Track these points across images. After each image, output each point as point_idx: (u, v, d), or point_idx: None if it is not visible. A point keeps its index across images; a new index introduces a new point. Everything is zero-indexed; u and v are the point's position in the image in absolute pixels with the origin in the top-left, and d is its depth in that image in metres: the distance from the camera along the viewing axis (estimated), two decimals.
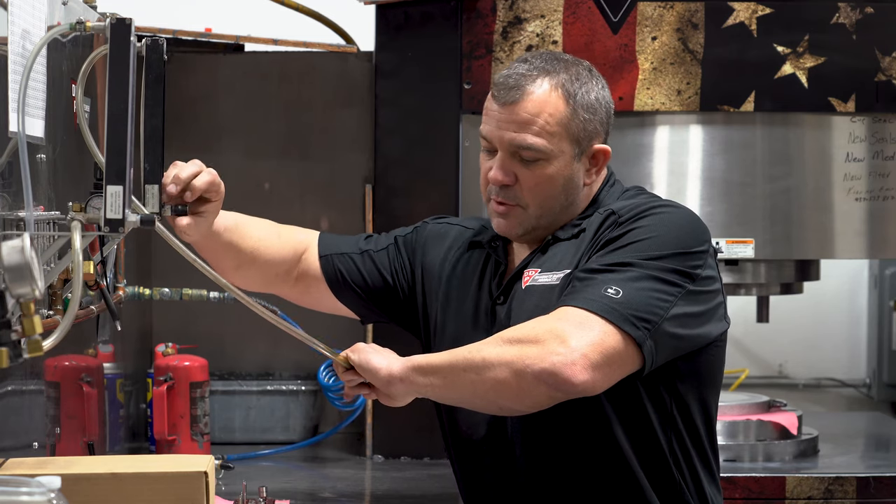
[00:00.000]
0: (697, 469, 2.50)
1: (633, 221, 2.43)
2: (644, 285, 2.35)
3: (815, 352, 4.74)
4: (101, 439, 3.10)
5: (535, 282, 2.50)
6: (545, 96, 2.49)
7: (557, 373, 2.27)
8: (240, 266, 2.70)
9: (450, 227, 2.74)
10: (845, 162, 3.55)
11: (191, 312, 3.67)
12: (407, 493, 3.14)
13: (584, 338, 2.29)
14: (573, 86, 2.51)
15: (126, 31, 2.25)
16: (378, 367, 2.39)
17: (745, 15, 3.48)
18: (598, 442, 2.45)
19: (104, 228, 2.24)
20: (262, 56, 3.79)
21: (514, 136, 2.49)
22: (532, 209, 2.53)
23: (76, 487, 2.10)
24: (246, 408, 3.71)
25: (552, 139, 2.49)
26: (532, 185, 2.51)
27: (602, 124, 2.54)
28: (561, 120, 2.49)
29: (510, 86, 2.50)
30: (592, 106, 2.52)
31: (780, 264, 3.61)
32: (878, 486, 3.35)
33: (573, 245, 2.51)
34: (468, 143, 3.51)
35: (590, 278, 2.37)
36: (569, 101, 2.50)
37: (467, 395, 2.40)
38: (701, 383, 2.49)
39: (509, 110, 2.49)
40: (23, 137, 2.19)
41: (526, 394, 2.32)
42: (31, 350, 1.91)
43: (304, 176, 3.76)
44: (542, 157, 2.50)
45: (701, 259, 2.42)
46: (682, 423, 2.47)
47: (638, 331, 2.31)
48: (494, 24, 3.48)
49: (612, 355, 2.31)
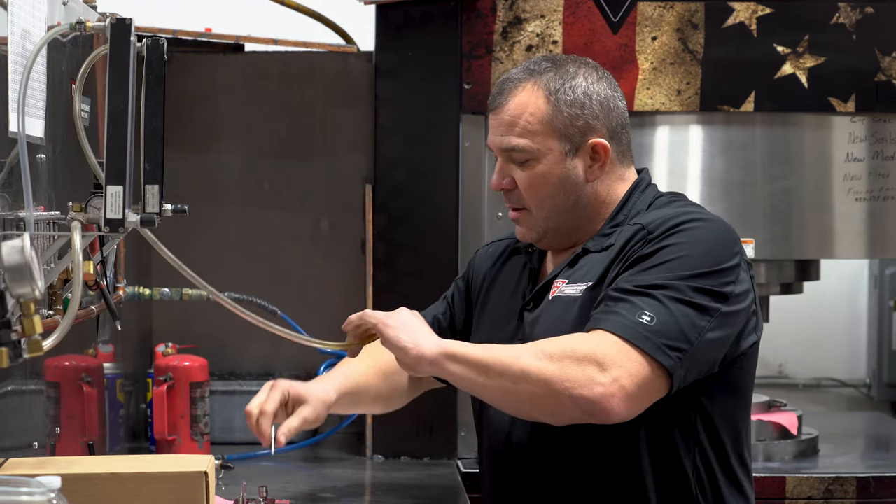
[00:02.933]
0: (721, 487, 2.49)
1: (664, 238, 2.43)
2: (678, 311, 2.35)
3: (815, 352, 4.73)
4: (101, 439, 3.10)
5: (562, 293, 2.53)
6: (526, 97, 2.53)
7: (596, 403, 2.30)
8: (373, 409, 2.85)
9: (497, 245, 2.79)
10: (845, 162, 3.55)
11: (191, 312, 3.67)
12: (407, 493, 3.14)
13: (623, 368, 2.31)
14: (556, 83, 2.53)
15: (126, 31, 2.26)
16: (407, 347, 2.39)
17: (745, 15, 3.48)
18: (619, 456, 2.47)
19: (104, 228, 2.24)
20: (262, 56, 3.79)
21: (501, 139, 2.55)
22: (535, 211, 2.55)
23: (76, 487, 2.10)
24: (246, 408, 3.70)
25: (535, 138, 2.52)
26: (526, 185, 2.54)
27: (596, 118, 2.54)
28: (542, 118, 2.52)
29: (497, 92, 2.57)
30: (579, 101, 2.53)
31: (780, 264, 3.60)
32: (878, 486, 3.35)
33: (601, 258, 2.51)
34: (468, 143, 3.51)
35: (624, 299, 2.37)
36: (549, 98, 2.52)
37: (495, 397, 2.41)
38: (728, 398, 2.49)
39: (497, 116, 2.56)
40: (23, 137, 2.19)
41: (559, 413, 2.36)
42: (31, 350, 1.91)
43: (304, 176, 3.75)
44: (531, 156, 2.53)
45: (733, 275, 2.42)
46: (707, 441, 2.48)
47: (670, 360, 2.33)
48: (494, 24, 3.48)
49: (646, 385, 2.33)
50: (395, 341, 2.39)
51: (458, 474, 3.32)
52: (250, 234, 3.77)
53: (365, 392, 2.71)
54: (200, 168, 3.73)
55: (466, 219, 3.51)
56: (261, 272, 3.75)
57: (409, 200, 3.51)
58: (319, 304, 3.71)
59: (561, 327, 2.45)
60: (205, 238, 3.71)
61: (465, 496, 3.02)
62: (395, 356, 2.42)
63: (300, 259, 3.75)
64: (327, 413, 2.60)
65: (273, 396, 2.55)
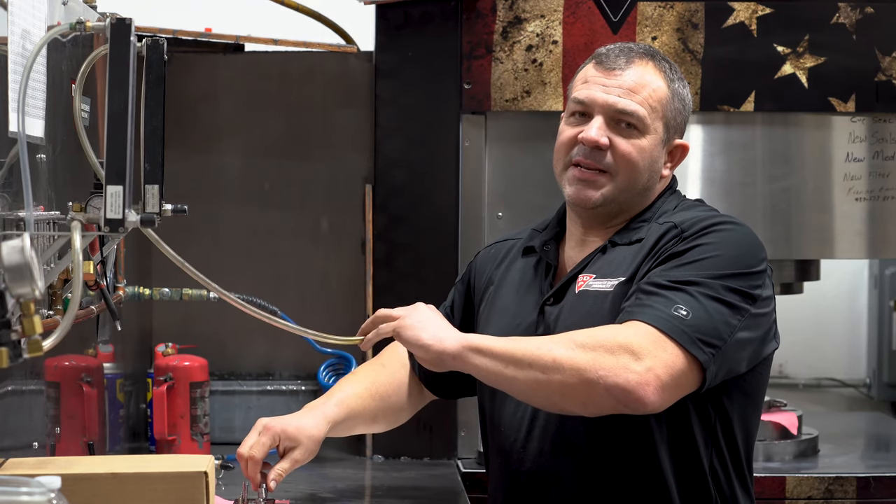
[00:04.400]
0: (735, 486, 2.51)
1: (697, 237, 2.45)
2: (711, 307, 2.37)
3: (815, 352, 4.73)
4: (101, 439, 3.10)
5: (589, 287, 2.52)
6: (651, 72, 2.56)
7: (631, 391, 2.30)
8: (372, 430, 2.81)
9: (500, 245, 2.78)
10: (845, 162, 3.55)
11: (191, 312, 3.67)
12: (407, 494, 3.14)
13: (658, 358, 2.31)
14: (672, 74, 2.58)
15: (126, 31, 2.26)
16: (428, 344, 2.38)
17: (745, 15, 3.48)
18: (639, 454, 2.47)
19: (104, 228, 2.24)
20: (262, 56, 3.79)
21: (618, 100, 2.53)
22: (619, 178, 2.54)
23: (76, 487, 2.10)
24: (246, 408, 3.70)
25: (652, 113, 2.55)
26: (625, 151, 2.54)
27: (685, 123, 2.61)
28: (661, 98, 2.56)
29: (615, 55, 2.57)
30: (684, 100, 2.60)
31: (780, 264, 3.60)
32: (878, 486, 3.35)
33: (630, 252, 2.52)
34: (468, 143, 3.51)
35: (657, 293, 2.38)
36: (669, 86, 2.56)
37: (524, 389, 2.39)
38: (745, 401, 2.51)
39: (615, 76, 2.55)
40: (23, 137, 2.19)
41: (592, 403, 2.35)
42: (31, 350, 1.91)
43: (304, 176, 3.75)
44: (640, 126, 2.54)
45: (761, 279, 2.46)
46: (723, 441, 2.49)
47: (704, 355, 2.34)
48: (494, 24, 3.48)
49: (680, 377, 2.33)
50: (415, 341, 2.40)
51: (458, 474, 3.32)
52: (250, 234, 3.76)
53: (360, 416, 2.68)
54: (200, 168, 3.73)
55: (466, 219, 3.51)
56: (261, 272, 3.74)
57: (409, 200, 3.51)
58: (319, 304, 3.71)
59: (592, 321, 2.45)
60: (205, 238, 3.71)
61: (465, 496, 3.02)
62: (416, 354, 2.42)
63: (300, 259, 3.75)
64: (318, 448, 2.59)
65: (263, 442, 2.53)
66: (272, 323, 2.54)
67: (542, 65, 3.48)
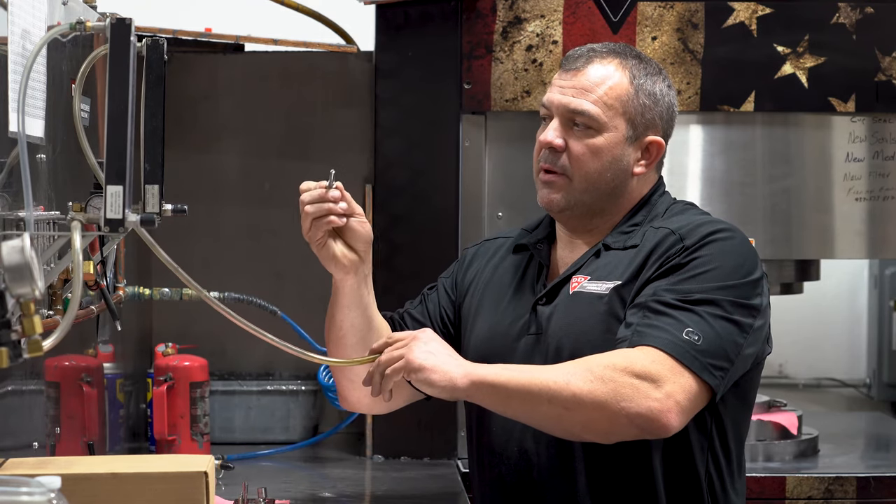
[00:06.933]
0: (728, 492, 2.52)
1: (699, 247, 2.45)
2: (720, 328, 2.39)
3: (815, 352, 4.73)
4: (101, 439, 3.09)
5: (584, 288, 2.52)
6: (610, 70, 2.55)
7: (654, 419, 2.32)
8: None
9: (490, 243, 2.78)
10: (845, 162, 3.55)
11: (191, 312, 3.67)
12: (407, 493, 3.14)
13: (676, 384, 2.33)
14: (639, 71, 2.56)
15: (126, 31, 2.25)
16: (438, 382, 2.34)
17: (745, 15, 3.48)
18: (633, 460, 2.48)
19: (104, 228, 2.24)
20: (262, 56, 3.79)
21: (570, 100, 2.53)
22: (577, 181, 2.54)
23: (76, 487, 2.10)
24: (246, 408, 3.70)
25: (608, 111, 2.53)
26: (579, 153, 2.53)
27: (661, 118, 2.58)
28: (620, 96, 2.53)
29: (578, 56, 2.57)
30: (654, 95, 2.56)
31: (780, 264, 3.61)
32: (878, 486, 3.35)
33: (626, 257, 2.51)
34: (468, 143, 3.51)
35: (666, 313, 2.38)
36: (632, 82, 2.54)
37: (542, 423, 2.40)
38: (738, 404, 2.52)
39: (572, 77, 2.55)
40: (23, 137, 2.19)
41: (614, 432, 2.36)
42: (31, 350, 1.91)
43: (304, 176, 3.74)
44: (594, 126, 2.53)
45: (760, 287, 2.46)
46: (718, 444, 2.51)
47: (715, 379, 2.37)
48: (494, 24, 3.48)
49: (695, 400, 2.36)
50: (425, 381, 2.35)
51: (458, 474, 3.32)
52: (250, 234, 3.76)
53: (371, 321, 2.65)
54: (200, 168, 3.73)
55: (466, 219, 3.51)
56: (261, 272, 3.75)
57: (409, 200, 3.51)
58: (319, 304, 3.70)
59: (586, 322, 2.46)
60: (205, 238, 3.71)
61: (465, 496, 3.02)
62: (427, 392, 2.43)
63: (300, 259, 3.74)
64: (369, 248, 2.61)
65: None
66: (276, 344, 2.53)
67: (542, 65, 3.48)
